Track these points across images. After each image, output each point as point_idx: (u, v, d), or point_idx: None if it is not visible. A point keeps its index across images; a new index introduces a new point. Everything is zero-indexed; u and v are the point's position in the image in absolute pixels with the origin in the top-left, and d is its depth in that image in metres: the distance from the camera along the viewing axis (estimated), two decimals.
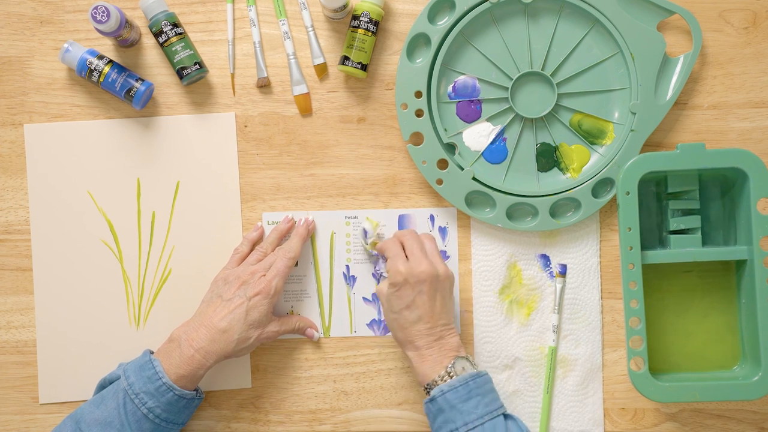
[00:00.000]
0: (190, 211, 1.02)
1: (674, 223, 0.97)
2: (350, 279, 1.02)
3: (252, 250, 1.00)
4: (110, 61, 0.99)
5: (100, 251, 1.02)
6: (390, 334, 1.01)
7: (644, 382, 0.94)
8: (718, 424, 1.01)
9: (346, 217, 1.02)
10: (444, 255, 1.01)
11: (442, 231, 1.02)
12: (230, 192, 1.02)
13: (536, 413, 1.01)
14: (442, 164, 1.00)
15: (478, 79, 1.01)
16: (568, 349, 1.02)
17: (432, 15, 1.00)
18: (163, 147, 1.02)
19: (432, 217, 1.02)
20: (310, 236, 1.01)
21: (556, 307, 1.01)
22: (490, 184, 1.00)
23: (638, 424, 1.02)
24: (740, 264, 0.97)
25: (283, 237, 1.01)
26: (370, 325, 1.02)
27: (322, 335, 1.02)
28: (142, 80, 1.00)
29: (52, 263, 1.02)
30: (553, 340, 1.01)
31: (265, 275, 0.95)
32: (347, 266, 1.02)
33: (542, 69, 1.00)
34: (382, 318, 1.02)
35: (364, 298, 1.02)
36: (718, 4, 1.02)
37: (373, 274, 1.01)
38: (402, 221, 1.02)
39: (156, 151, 1.02)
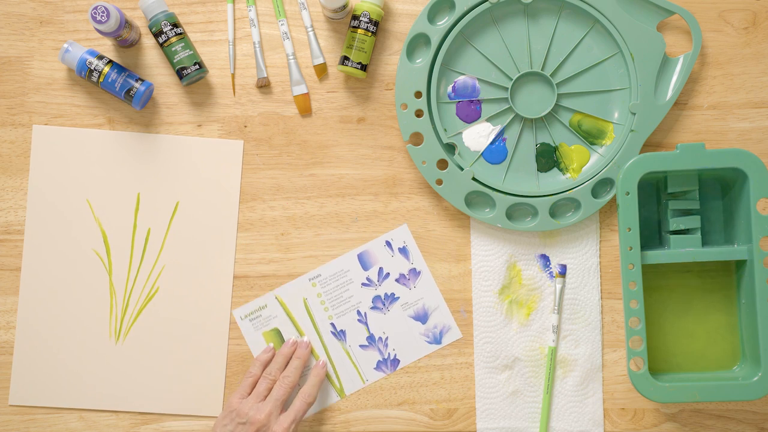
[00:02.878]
0: (185, 233, 1.02)
1: (674, 223, 0.97)
2: (340, 334, 1.01)
3: (261, 372, 0.99)
4: (110, 61, 0.99)
5: (91, 260, 1.01)
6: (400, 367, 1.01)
7: (644, 382, 0.94)
8: (718, 425, 1.01)
9: (309, 279, 1.01)
10: (414, 273, 1.01)
11: (403, 251, 1.02)
12: (227, 222, 1.02)
13: (536, 413, 1.01)
14: (442, 164, 1.00)
15: (478, 80, 1.01)
16: (567, 350, 1.02)
17: (432, 15, 1.00)
18: (169, 166, 1.02)
19: (389, 243, 1.02)
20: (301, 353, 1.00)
21: (556, 308, 1.01)
22: (489, 185, 1.00)
23: (638, 425, 1.02)
24: (740, 264, 0.97)
25: (288, 360, 1.00)
26: (378, 368, 1.01)
27: (326, 361, 1.01)
28: (142, 80, 1.00)
29: (41, 265, 1.01)
30: (553, 341, 1.01)
31: (280, 416, 0.95)
32: (332, 323, 1.01)
33: (542, 69, 1.00)
34: (386, 356, 1.01)
35: (360, 346, 1.01)
36: (718, 4, 1.02)
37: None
38: (363, 260, 1.01)
39: (160, 169, 1.02)
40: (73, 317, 1.01)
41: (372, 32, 1.00)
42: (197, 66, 1.00)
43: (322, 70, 1.03)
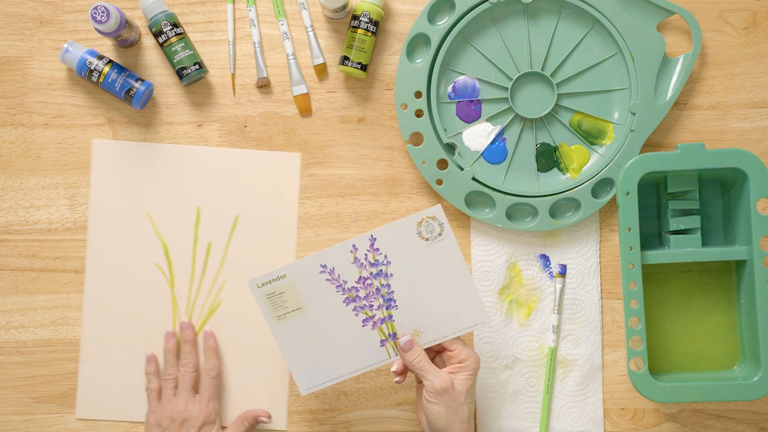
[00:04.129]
0: (245, 246, 1.01)
1: (674, 223, 0.97)
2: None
3: (159, 380, 0.99)
4: (110, 61, 0.99)
5: (153, 274, 1.01)
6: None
7: (644, 382, 0.94)
8: (718, 425, 1.01)
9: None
10: None
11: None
12: (287, 233, 1.01)
13: (536, 413, 1.01)
14: (442, 164, 1.00)
15: (478, 80, 1.01)
16: (567, 350, 1.02)
17: (432, 15, 1.00)
18: (228, 179, 1.02)
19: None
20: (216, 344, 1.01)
21: (556, 308, 1.01)
22: (489, 185, 1.00)
23: (638, 425, 1.02)
24: (740, 264, 0.97)
25: (177, 354, 0.99)
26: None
27: (272, 421, 1.01)
28: (142, 80, 1.00)
29: (104, 279, 1.01)
30: (553, 341, 1.01)
31: (195, 400, 0.96)
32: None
33: (542, 69, 1.00)
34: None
35: None
36: (718, 4, 1.02)
37: None
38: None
39: (219, 183, 1.01)
40: (136, 330, 1.01)
41: (372, 32, 1.00)
42: (197, 66, 1.00)
43: (322, 70, 1.03)
